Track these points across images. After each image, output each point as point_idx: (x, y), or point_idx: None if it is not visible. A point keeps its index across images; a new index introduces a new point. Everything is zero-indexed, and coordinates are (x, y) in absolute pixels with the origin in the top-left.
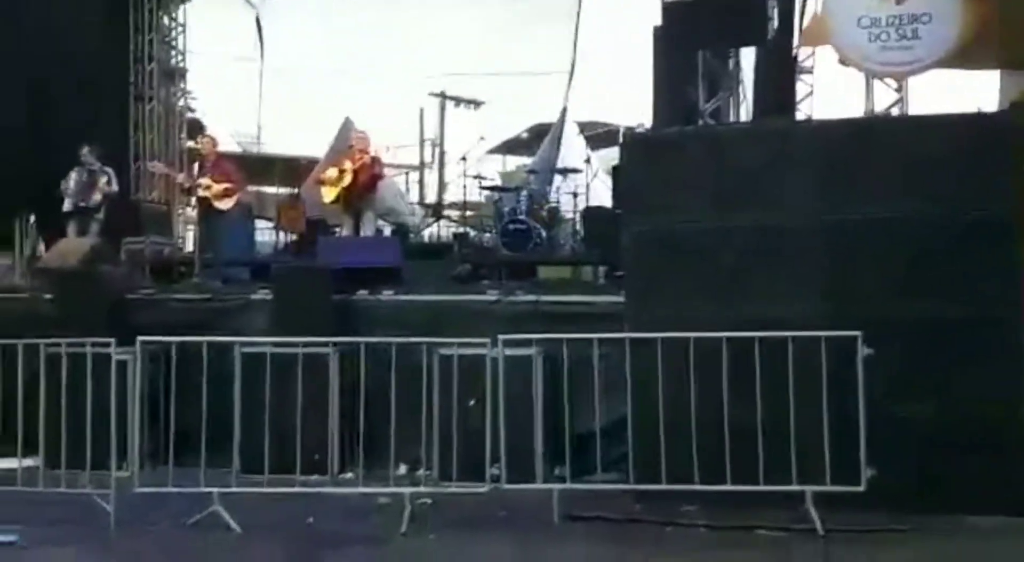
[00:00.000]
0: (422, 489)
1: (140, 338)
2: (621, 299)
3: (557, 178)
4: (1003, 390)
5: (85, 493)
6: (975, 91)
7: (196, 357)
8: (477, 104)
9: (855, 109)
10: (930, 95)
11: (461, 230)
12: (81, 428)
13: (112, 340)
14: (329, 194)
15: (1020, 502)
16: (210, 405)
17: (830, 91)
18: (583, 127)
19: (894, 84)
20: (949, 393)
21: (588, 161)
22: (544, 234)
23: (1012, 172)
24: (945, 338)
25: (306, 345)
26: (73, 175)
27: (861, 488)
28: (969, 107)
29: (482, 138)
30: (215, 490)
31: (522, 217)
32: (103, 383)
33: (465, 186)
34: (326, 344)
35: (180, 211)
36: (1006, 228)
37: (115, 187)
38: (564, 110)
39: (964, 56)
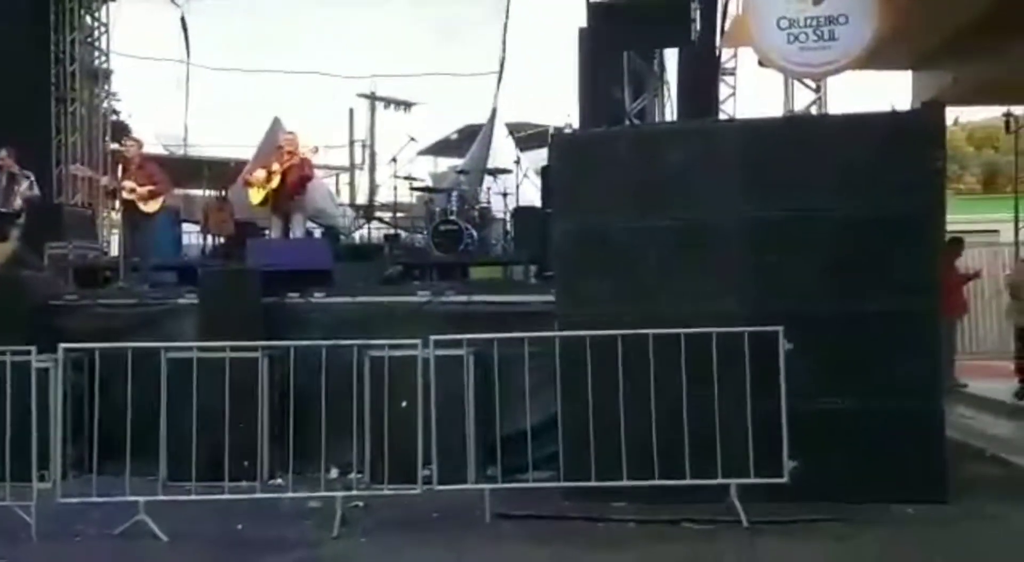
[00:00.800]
0: (353, 492)
1: (62, 345)
2: (551, 298)
3: (488, 179)
4: (921, 381)
5: (5, 505)
6: (889, 91)
7: (121, 363)
8: (408, 105)
9: (775, 109)
10: (847, 95)
11: (392, 231)
12: (0, 438)
13: (32, 348)
14: (257, 196)
15: (939, 490)
16: (136, 412)
17: (751, 91)
18: (512, 128)
19: (813, 84)
20: (869, 385)
21: (518, 162)
22: (475, 235)
23: (927, 168)
24: (865, 331)
25: (234, 349)
26: None
27: (784, 480)
28: (884, 106)
29: (413, 139)
30: (141, 499)
31: (453, 218)
32: (25, 392)
33: (396, 187)
34: (255, 348)
35: (104, 215)
36: (922, 223)
37: (36, 191)
38: (494, 111)
39: (879, 57)
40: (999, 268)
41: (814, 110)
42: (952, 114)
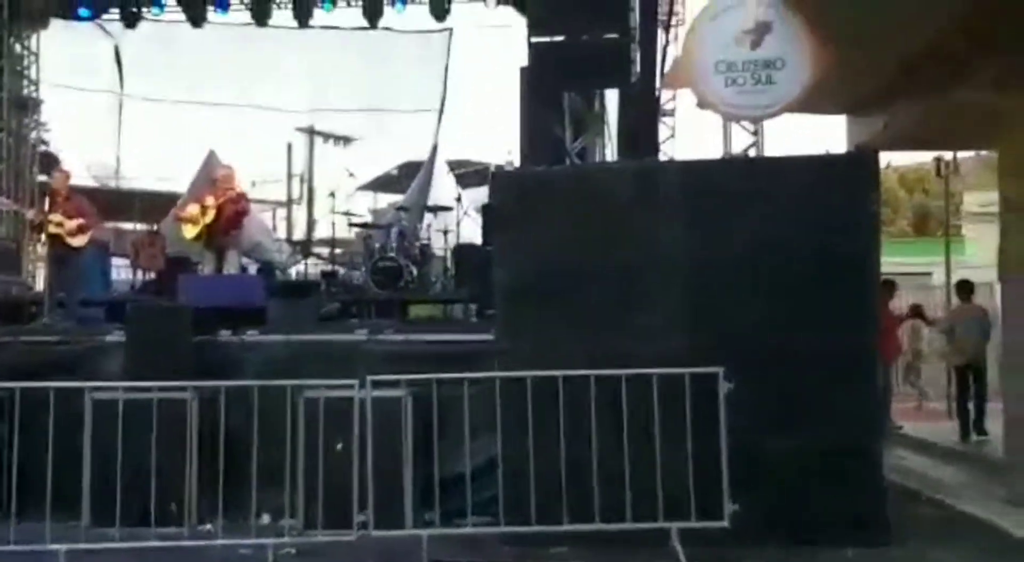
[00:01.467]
0: (286, 539)
1: None
2: (492, 337)
3: (428, 216)
4: (858, 421)
5: None
6: (824, 136)
7: (44, 403)
8: (347, 140)
9: (715, 151)
10: (784, 138)
11: (330, 268)
12: None
13: None
14: (191, 231)
15: (881, 532)
16: (58, 455)
17: (691, 133)
18: (453, 165)
19: (751, 127)
20: (808, 426)
21: (458, 199)
22: (415, 272)
23: (865, 209)
24: (806, 370)
25: (162, 390)
26: None
27: (725, 523)
28: (819, 150)
29: (351, 174)
30: (62, 546)
31: (392, 254)
32: None
33: (334, 223)
34: (183, 389)
35: (30, 248)
36: (861, 262)
37: None
38: (434, 148)
39: (814, 101)
40: (932, 310)
41: (752, 152)
42: (885, 158)
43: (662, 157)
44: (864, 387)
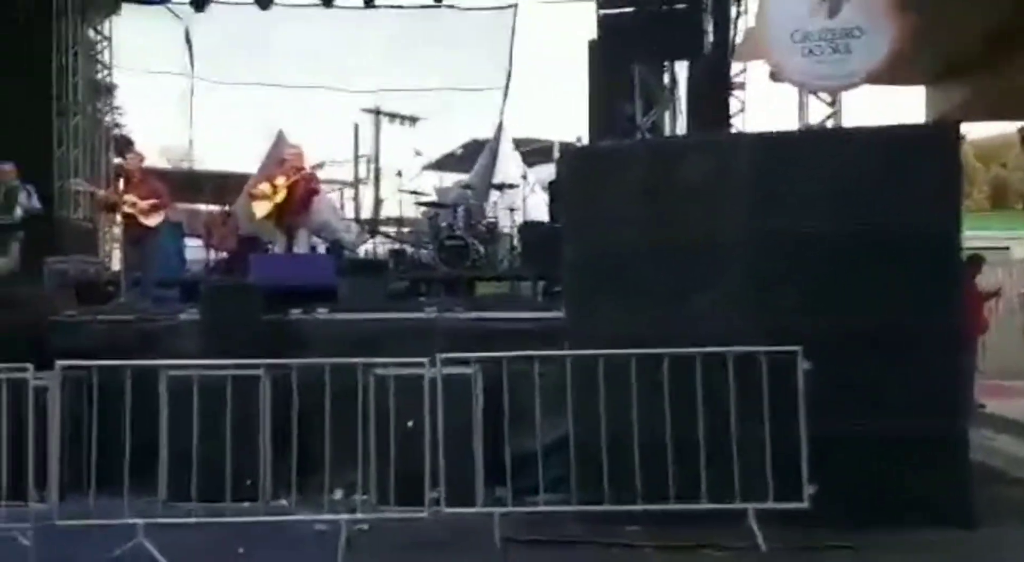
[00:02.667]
0: (359, 515)
1: (59, 363)
2: (561, 315)
3: (494, 193)
4: (941, 402)
5: (3, 527)
6: (903, 107)
7: (120, 381)
8: (413, 120)
9: (787, 124)
10: (861, 110)
11: (397, 247)
12: None
13: (30, 366)
14: (262, 208)
15: (962, 514)
16: (136, 432)
17: (761, 106)
18: (519, 143)
19: (828, 98)
20: (890, 406)
21: (525, 176)
22: (482, 250)
23: (951, 183)
24: (886, 351)
25: (236, 367)
26: None
27: (804, 505)
28: (897, 121)
29: (418, 153)
30: (140, 521)
31: (459, 233)
32: (23, 411)
33: (401, 202)
34: (257, 366)
35: (106, 229)
36: (946, 239)
37: (36, 204)
38: (500, 126)
39: (893, 71)
40: (1012, 286)
41: (830, 124)
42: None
43: (733, 131)
44: (947, 367)
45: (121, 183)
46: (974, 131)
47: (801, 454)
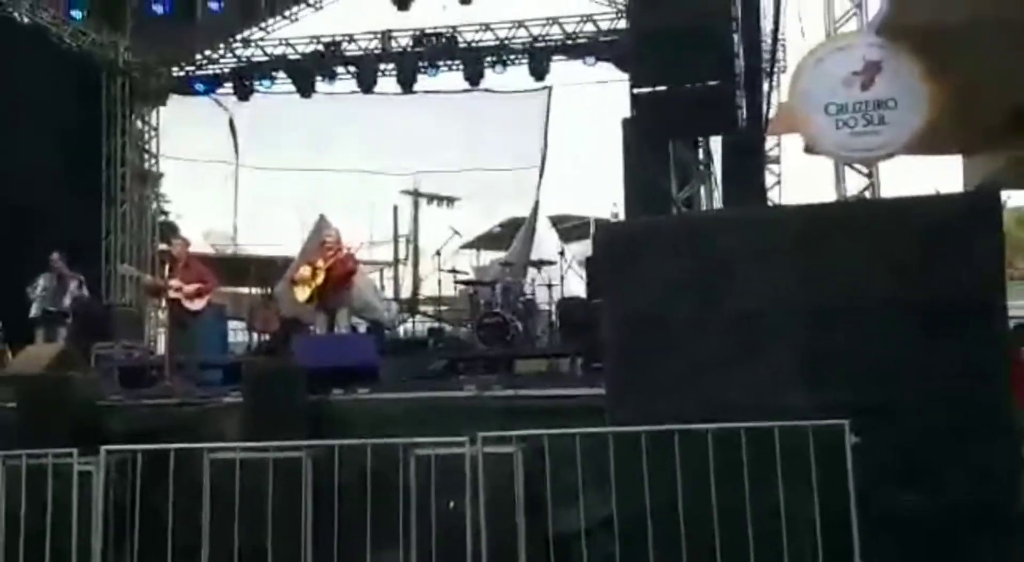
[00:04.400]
0: None
1: (104, 447)
2: (601, 391)
3: (532, 271)
4: (998, 472)
5: None
6: (940, 176)
7: (165, 465)
8: (451, 201)
9: (824, 196)
10: (897, 180)
11: (436, 325)
12: (40, 545)
13: (74, 450)
14: (303, 293)
15: None
16: (179, 515)
17: (796, 179)
18: (555, 220)
19: (864, 169)
20: (942, 480)
21: (562, 253)
22: (520, 327)
23: (993, 252)
24: (935, 423)
25: (278, 449)
26: (41, 281)
27: None
28: (935, 191)
29: (456, 233)
30: None
31: (497, 310)
32: (67, 495)
33: (440, 281)
34: (298, 448)
35: (151, 314)
36: (991, 309)
37: (85, 292)
38: (536, 204)
39: (929, 141)
40: None
41: (867, 195)
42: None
43: (770, 203)
44: (998, 439)
45: (167, 268)
46: (1015, 199)
47: (852, 532)
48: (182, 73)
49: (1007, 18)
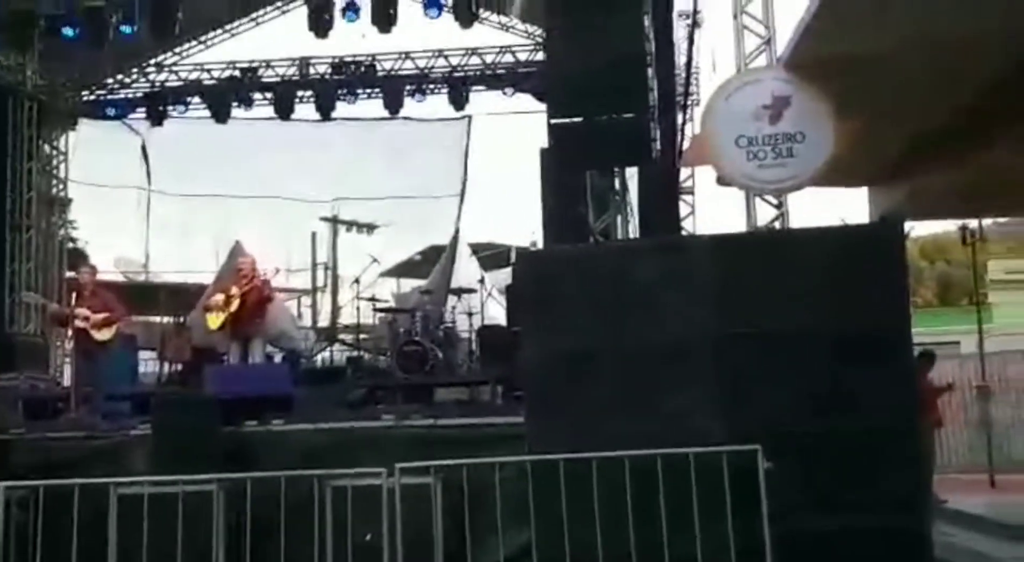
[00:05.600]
0: None
1: (2, 483)
2: (521, 419)
3: (452, 298)
4: (904, 498)
5: None
6: (846, 206)
7: (70, 500)
8: (370, 228)
9: (735, 226)
10: (806, 210)
11: (355, 354)
12: None
13: None
14: (215, 321)
15: None
16: (84, 552)
17: (708, 210)
18: (475, 248)
19: (774, 200)
20: (853, 504)
21: (482, 281)
22: (440, 355)
23: (894, 279)
24: (843, 451)
25: (187, 483)
26: None
27: None
28: (841, 221)
29: (375, 261)
30: None
31: (417, 338)
32: None
33: (359, 308)
34: (210, 481)
35: (58, 344)
36: (898, 338)
37: None
38: (456, 231)
39: (836, 173)
40: (965, 380)
41: (777, 225)
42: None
43: (684, 233)
44: (906, 465)
45: (73, 297)
46: (917, 229)
47: (765, 554)
48: (92, 97)
49: (910, 52)
